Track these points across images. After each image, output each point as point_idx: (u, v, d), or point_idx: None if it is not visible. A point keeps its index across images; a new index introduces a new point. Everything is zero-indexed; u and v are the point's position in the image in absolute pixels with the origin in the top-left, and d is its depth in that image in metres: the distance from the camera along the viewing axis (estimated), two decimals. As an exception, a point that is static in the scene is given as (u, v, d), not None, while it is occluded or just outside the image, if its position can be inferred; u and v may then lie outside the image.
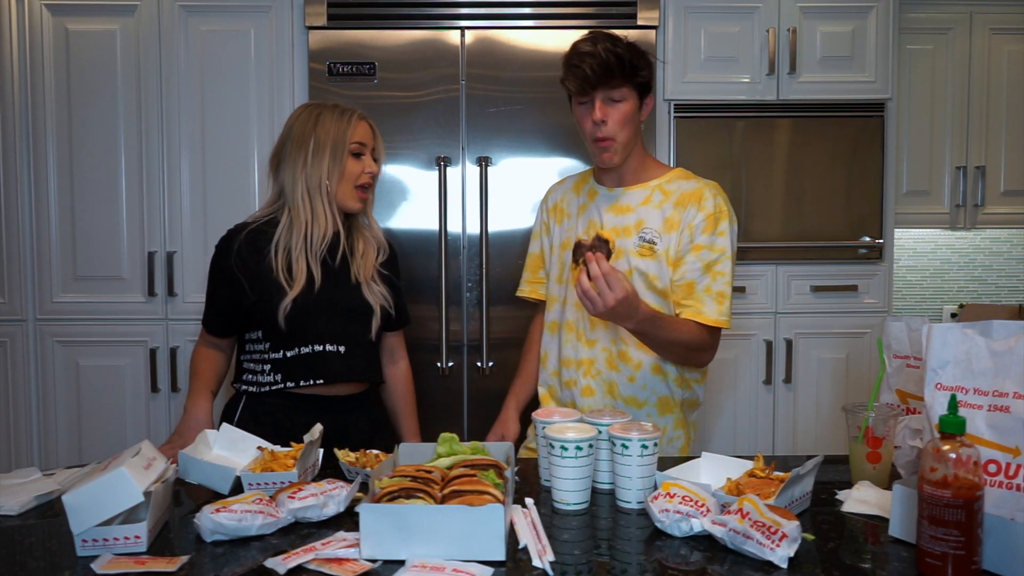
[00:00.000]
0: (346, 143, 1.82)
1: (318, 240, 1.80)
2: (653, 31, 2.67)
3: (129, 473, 1.16)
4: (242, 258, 1.79)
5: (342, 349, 1.81)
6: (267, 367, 1.80)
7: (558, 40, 2.63)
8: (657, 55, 2.68)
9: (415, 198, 2.65)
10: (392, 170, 2.65)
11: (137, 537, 1.17)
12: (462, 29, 2.63)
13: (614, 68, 1.68)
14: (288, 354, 1.79)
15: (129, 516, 1.21)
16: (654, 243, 1.77)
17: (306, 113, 1.85)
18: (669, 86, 2.71)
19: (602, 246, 1.53)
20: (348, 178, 1.83)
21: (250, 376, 1.83)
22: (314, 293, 1.77)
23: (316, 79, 2.62)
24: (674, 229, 1.76)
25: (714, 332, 1.77)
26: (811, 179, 2.76)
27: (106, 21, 2.65)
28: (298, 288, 1.75)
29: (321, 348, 1.79)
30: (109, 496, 1.15)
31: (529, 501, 1.34)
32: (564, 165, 2.65)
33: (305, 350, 1.78)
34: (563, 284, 1.90)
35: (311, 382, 1.78)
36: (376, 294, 1.85)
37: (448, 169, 2.63)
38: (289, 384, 1.78)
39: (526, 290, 2.03)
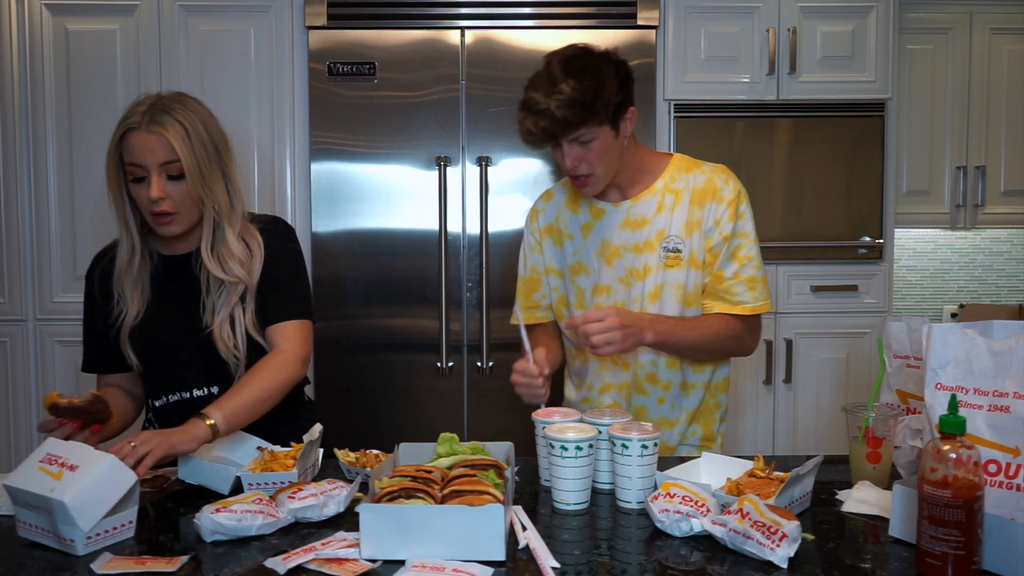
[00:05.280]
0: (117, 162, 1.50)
1: (123, 264, 1.56)
2: (653, 31, 2.67)
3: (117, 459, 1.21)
4: (102, 287, 1.60)
5: (215, 390, 1.57)
6: (150, 415, 1.63)
7: (558, 40, 2.58)
8: (657, 55, 2.68)
9: (415, 198, 2.65)
10: (392, 170, 2.65)
11: (130, 522, 1.22)
12: (462, 29, 2.63)
13: (570, 120, 1.54)
14: (156, 403, 1.61)
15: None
16: (679, 250, 1.71)
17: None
18: (669, 86, 2.71)
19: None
20: (140, 205, 1.52)
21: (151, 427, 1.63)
22: (158, 333, 1.55)
23: (316, 79, 2.62)
24: (696, 230, 1.70)
25: (749, 318, 1.71)
26: (811, 179, 2.76)
27: (106, 21, 2.65)
28: (132, 315, 1.55)
29: (188, 395, 1.58)
30: (109, 485, 1.18)
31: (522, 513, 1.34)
32: (564, 165, 2.65)
33: (173, 397, 1.59)
34: (583, 311, 1.73)
35: None
36: (226, 342, 1.53)
37: (448, 169, 2.63)
38: None
39: (522, 316, 1.72)
